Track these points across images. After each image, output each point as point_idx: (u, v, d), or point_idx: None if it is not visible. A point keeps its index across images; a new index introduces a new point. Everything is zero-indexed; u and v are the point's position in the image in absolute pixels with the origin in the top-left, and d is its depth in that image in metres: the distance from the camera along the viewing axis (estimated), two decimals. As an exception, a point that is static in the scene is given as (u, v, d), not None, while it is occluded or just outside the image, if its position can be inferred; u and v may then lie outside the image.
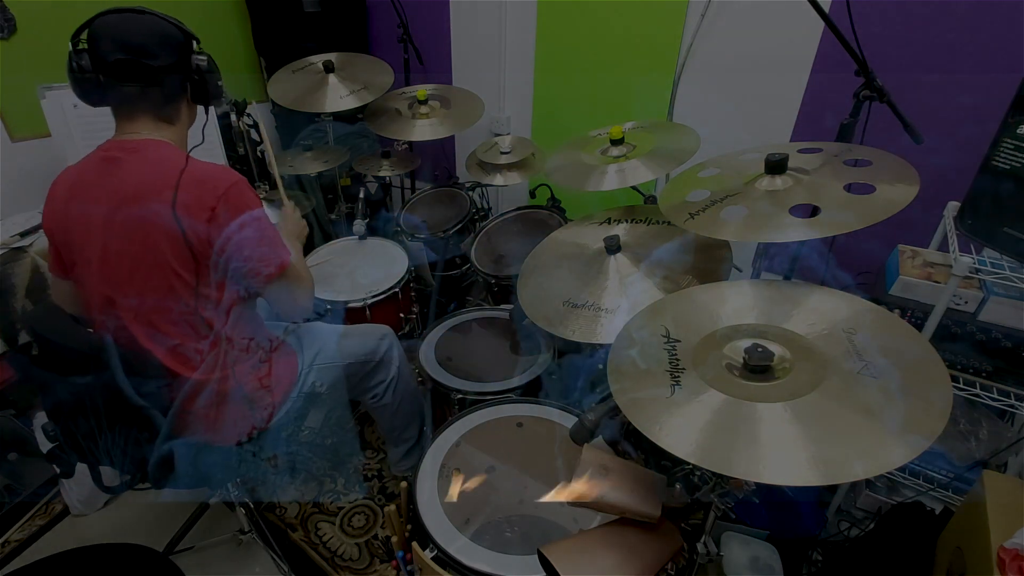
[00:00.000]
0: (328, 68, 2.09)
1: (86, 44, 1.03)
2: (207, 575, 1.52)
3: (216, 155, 2.03)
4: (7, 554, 1.59)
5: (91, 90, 1.06)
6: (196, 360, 1.10)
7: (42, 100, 1.72)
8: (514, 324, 1.65)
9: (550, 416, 1.29)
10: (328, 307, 1.73)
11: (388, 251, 2.00)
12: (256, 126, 2.16)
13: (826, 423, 0.71)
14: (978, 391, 1.20)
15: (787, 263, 1.54)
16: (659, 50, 2.02)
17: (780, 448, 0.69)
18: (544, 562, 0.87)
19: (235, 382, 1.14)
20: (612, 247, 1.30)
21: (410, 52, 2.42)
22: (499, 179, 1.99)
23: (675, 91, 2.05)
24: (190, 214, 0.99)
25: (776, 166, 1.09)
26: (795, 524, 1.40)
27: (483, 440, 1.24)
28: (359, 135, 2.55)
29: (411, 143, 2.40)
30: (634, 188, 1.55)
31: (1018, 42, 1.43)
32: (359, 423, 1.98)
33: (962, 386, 1.21)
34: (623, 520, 0.94)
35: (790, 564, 1.32)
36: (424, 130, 2.06)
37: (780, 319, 0.91)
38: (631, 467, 0.96)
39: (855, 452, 0.66)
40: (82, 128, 1.78)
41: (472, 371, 1.54)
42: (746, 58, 1.86)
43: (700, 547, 1.05)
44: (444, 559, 0.97)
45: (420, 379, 1.61)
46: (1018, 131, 0.99)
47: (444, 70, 2.66)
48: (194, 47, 1.10)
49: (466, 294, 2.28)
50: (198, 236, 1.00)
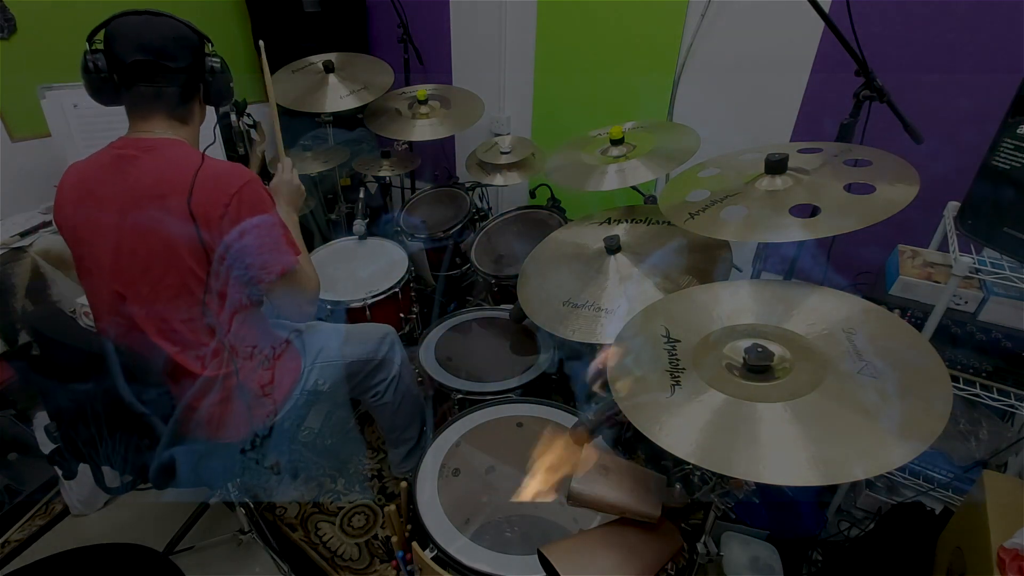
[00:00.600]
0: (328, 68, 2.09)
1: (101, 44, 1.04)
2: (207, 575, 1.52)
3: (215, 155, 2.02)
4: (7, 554, 1.59)
5: (106, 90, 1.08)
6: (204, 357, 1.10)
7: (42, 100, 1.72)
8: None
9: (550, 416, 1.29)
10: (329, 308, 1.73)
11: (388, 251, 2.00)
12: (256, 126, 2.16)
13: (826, 423, 0.71)
14: (978, 391, 1.20)
15: (787, 263, 1.54)
16: (659, 50, 2.02)
17: (780, 448, 0.69)
18: (544, 562, 0.87)
19: (240, 380, 1.14)
20: (612, 247, 1.30)
21: (410, 52, 2.42)
22: (499, 179, 1.99)
23: (675, 91, 2.05)
24: (205, 212, 1.00)
25: (776, 166, 1.09)
26: (795, 524, 1.40)
27: (483, 440, 1.24)
28: (358, 141, 2.55)
29: (411, 143, 2.40)
30: (634, 188, 1.55)
31: (1018, 42, 1.43)
32: (359, 423, 1.99)
33: (962, 386, 1.21)
34: (623, 520, 0.94)
35: (790, 564, 1.32)
36: (424, 130, 2.06)
37: (780, 319, 0.91)
38: (631, 467, 0.96)
39: (855, 452, 0.66)
40: (82, 128, 1.78)
41: (472, 371, 1.54)
42: (746, 58, 1.86)
43: (700, 547, 1.05)
44: (444, 559, 0.97)
45: (420, 379, 1.61)
46: (1018, 131, 0.99)
47: (444, 70, 2.66)
48: (207, 49, 1.12)
49: (466, 294, 2.28)
50: (212, 234, 1.01)
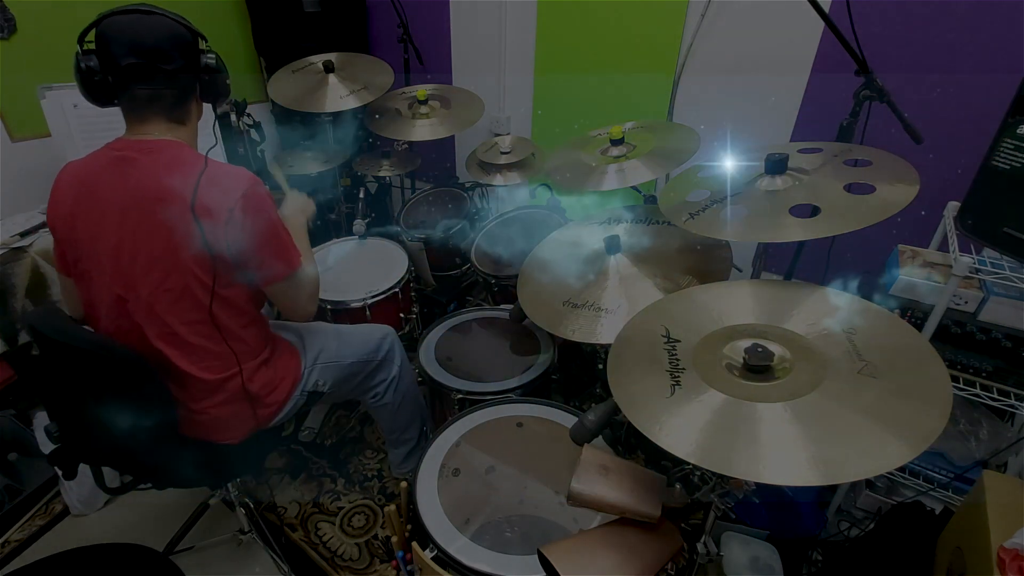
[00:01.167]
0: (328, 68, 2.09)
1: (93, 45, 1.01)
2: (207, 575, 1.52)
3: (215, 155, 2.02)
4: (7, 554, 1.59)
5: (100, 92, 1.05)
6: (206, 359, 1.10)
7: (42, 100, 1.72)
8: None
9: (550, 416, 1.29)
10: (329, 308, 1.73)
11: (388, 251, 2.00)
12: (256, 126, 2.16)
13: (826, 423, 0.71)
14: (978, 391, 1.20)
15: (787, 263, 1.54)
16: (659, 50, 2.02)
17: (780, 448, 0.69)
18: (544, 562, 0.87)
19: (241, 381, 1.14)
20: (612, 247, 1.30)
21: (410, 52, 2.42)
22: (499, 179, 2.00)
23: (675, 91, 2.05)
24: (209, 215, 0.99)
25: (776, 166, 1.09)
26: (795, 524, 1.40)
27: (483, 440, 1.24)
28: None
29: (411, 143, 2.40)
30: (634, 188, 1.55)
31: (1018, 42, 1.43)
32: (359, 423, 1.98)
33: (962, 386, 1.21)
34: (623, 520, 0.94)
35: (790, 564, 1.32)
36: (424, 130, 2.06)
37: (780, 319, 0.91)
38: (631, 467, 0.96)
39: (855, 452, 0.66)
40: (82, 128, 1.78)
41: (472, 371, 1.54)
42: (746, 58, 1.86)
43: (700, 547, 1.05)
44: (444, 559, 0.97)
45: (420, 379, 1.61)
46: (1018, 131, 0.99)
47: (444, 70, 2.66)
48: (201, 45, 1.09)
49: (466, 294, 2.28)
50: (215, 236, 1.00)
